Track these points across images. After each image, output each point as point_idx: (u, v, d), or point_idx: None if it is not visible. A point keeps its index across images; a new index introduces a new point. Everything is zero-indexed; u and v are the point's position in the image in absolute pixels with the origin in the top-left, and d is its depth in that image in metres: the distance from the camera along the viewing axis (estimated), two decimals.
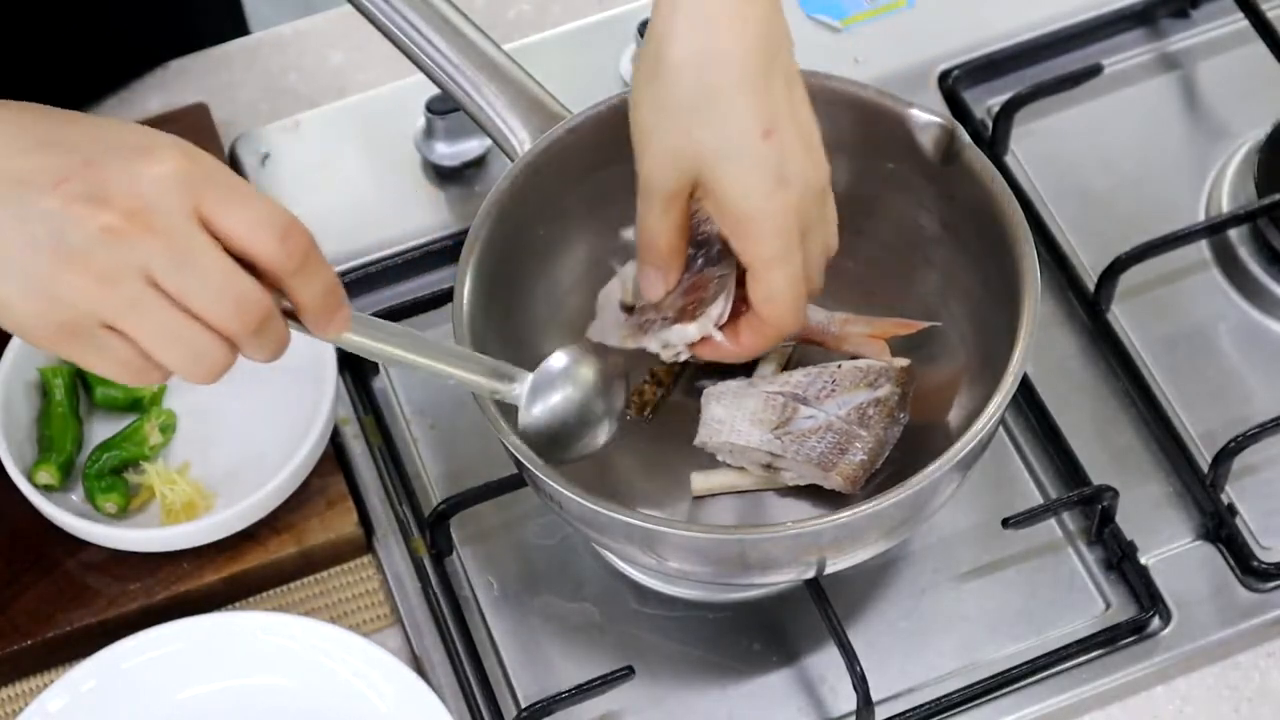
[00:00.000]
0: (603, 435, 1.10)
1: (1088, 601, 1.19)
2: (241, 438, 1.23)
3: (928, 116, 1.14)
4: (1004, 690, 1.15)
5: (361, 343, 0.97)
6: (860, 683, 1.11)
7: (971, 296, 1.16)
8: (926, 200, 1.17)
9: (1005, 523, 1.17)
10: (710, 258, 1.12)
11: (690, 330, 1.10)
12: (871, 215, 1.19)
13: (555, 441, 1.07)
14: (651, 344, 1.12)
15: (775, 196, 1.04)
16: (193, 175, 0.88)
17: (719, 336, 1.10)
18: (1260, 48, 1.36)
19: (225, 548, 1.20)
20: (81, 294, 0.88)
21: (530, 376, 1.06)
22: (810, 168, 1.05)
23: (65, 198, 0.87)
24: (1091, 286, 1.27)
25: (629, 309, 1.16)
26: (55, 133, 0.89)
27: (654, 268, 1.11)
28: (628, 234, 1.20)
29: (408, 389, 1.27)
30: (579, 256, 1.20)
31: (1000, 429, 1.23)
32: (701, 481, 1.16)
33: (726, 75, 1.04)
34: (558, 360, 1.08)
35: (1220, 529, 1.20)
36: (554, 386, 1.07)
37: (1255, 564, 1.18)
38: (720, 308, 1.10)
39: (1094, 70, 1.35)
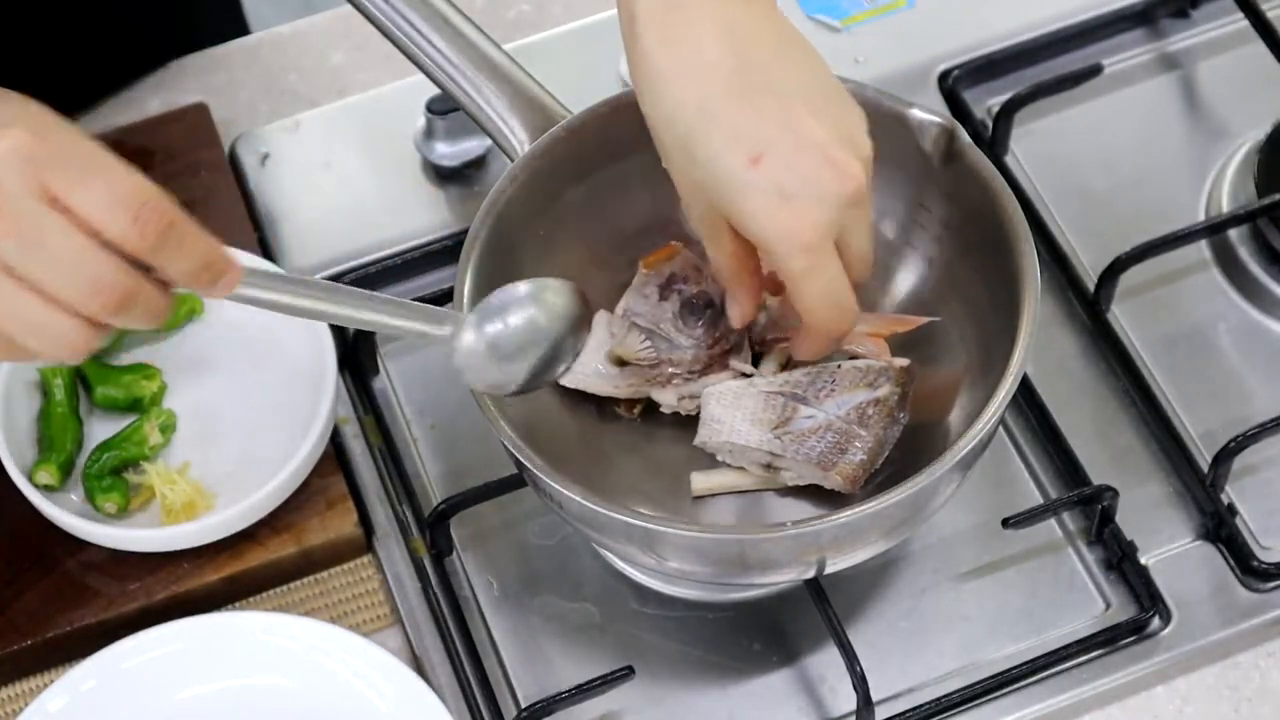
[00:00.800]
0: (559, 366, 1.07)
1: (1088, 601, 1.19)
2: (241, 438, 1.23)
3: (928, 116, 1.14)
4: (1004, 690, 1.15)
5: (261, 297, 0.93)
6: (860, 683, 1.11)
7: (971, 296, 1.16)
8: (926, 200, 1.17)
9: (1005, 523, 1.17)
10: (718, 311, 1.16)
11: (724, 378, 1.15)
12: (872, 215, 1.19)
13: (504, 361, 1.04)
14: (668, 396, 1.16)
15: (781, 218, 1.02)
16: (38, 153, 0.85)
17: (750, 369, 1.15)
18: (1260, 48, 1.36)
19: (225, 548, 1.20)
20: None
21: (467, 316, 1.04)
22: (825, 177, 1.02)
23: None
24: (1091, 286, 1.27)
25: (621, 362, 1.16)
26: None
27: (731, 294, 1.12)
28: (627, 234, 1.21)
29: (408, 389, 1.27)
30: (579, 256, 1.20)
31: (1000, 429, 1.23)
32: (701, 481, 1.16)
33: (691, 119, 1.03)
34: (515, 288, 1.05)
35: (1220, 529, 1.20)
36: (508, 310, 1.04)
37: (1255, 564, 1.18)
38: (746, 353, 1.16)
39: (1094, 70, 1.35)
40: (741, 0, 1.05)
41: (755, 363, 1.18)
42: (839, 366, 1.15)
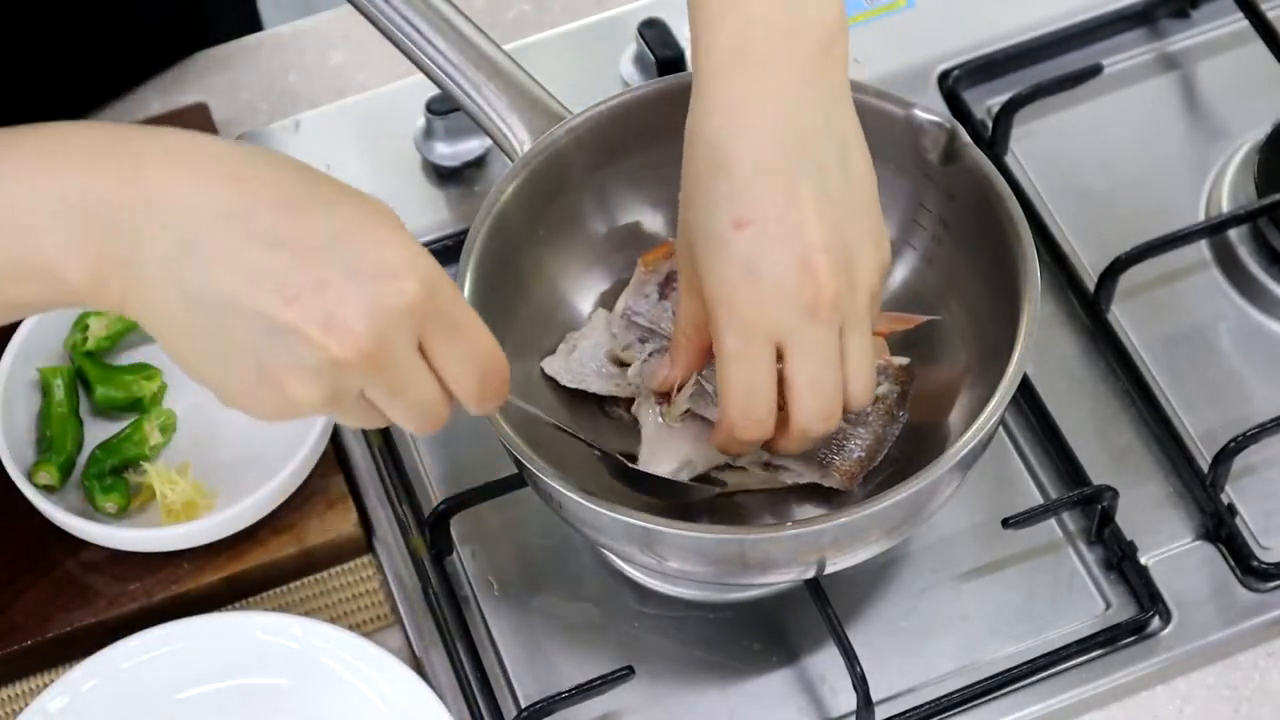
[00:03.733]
0: None
1: (1088, 601, 1.19)
2: (241, 438, 1.23)
3: (928, 116, 1.14)
4: (1004, 690, 1.15)
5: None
6: (860, 683, 1.11)
7: (971, 296, 1.16)
8: (926, 200, 1.17)
9: (1005, 523, 1.17)
10: None
11: None
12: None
13: None
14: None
15: (736, 290, 0.99)
16: (426, 309, 0.87)
17: None
18: (1260, 48, 1.36)
19: (225, 548, 1.20)
20: (306, 404, 0.88)
21: None
22: (791, 278, 0.98)
23: (301, 317, 0.85)
24: (1091, 286, 1.27)
25: (620, 363, 1.16)
26: (286, 228, 0.85)
27: (671, 350, 1.10)
28: (627, 234, 1.21)
29: None
30: (579, 256, 1.20)
31: (1000, 429, 1.23)
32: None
33: (716, 158, 1.00)
34: None
35: (1220, 529, 1.20)
36: None
37: (1255, 564, 1.18)
38: None
39: (1094, 70, 1.35)
40: (811, 72, 1.02)
41: None
42: None
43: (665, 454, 1.12)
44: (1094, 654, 1.16)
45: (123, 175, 0.86)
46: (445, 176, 1.35)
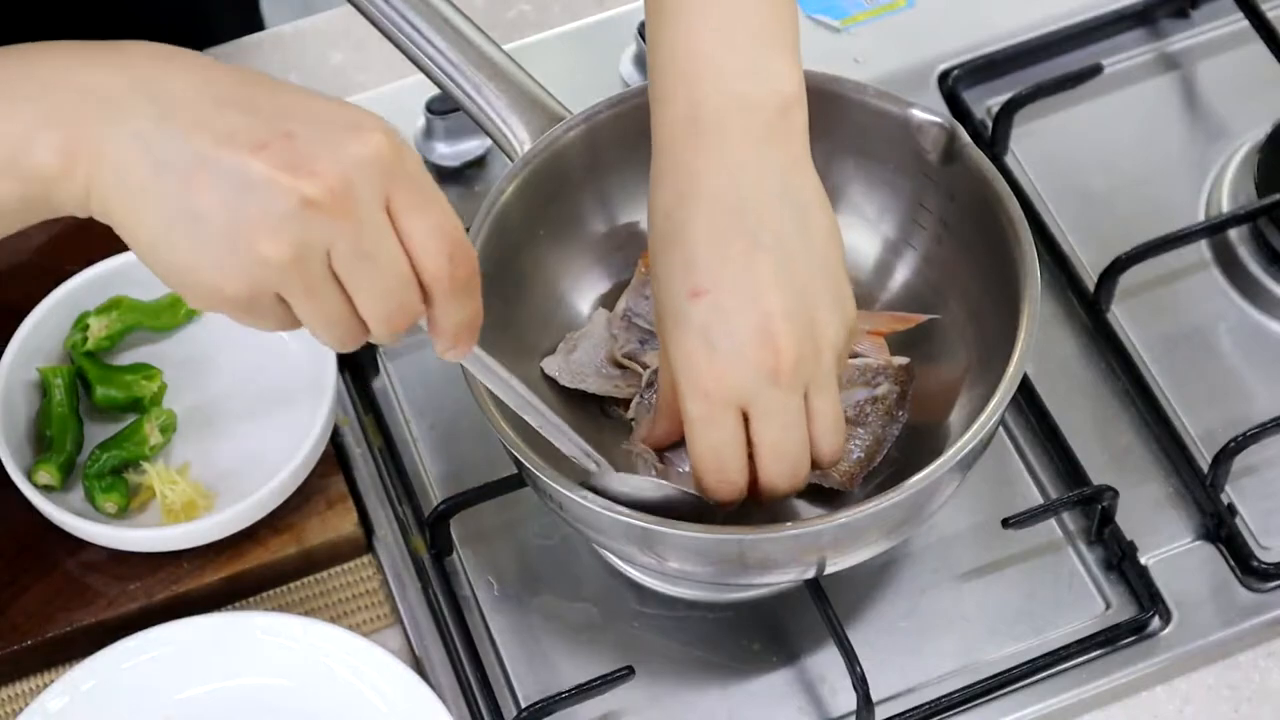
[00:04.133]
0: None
1: (1088, 601, 1.19)
2: (241, 438, 1.23)
3: (928, 116, 1.14)
4: (1004, 690, 1.15)
5: (471, 373, 0.99)
6: (860, 683, 1.11)
7: (971, 296, 1.16)
8: (926, 200, 1.17)
9: (1005, 523, 1.17)
10: None
11: None
12: (872, 215, 1.19)
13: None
14: None
15: (695, 358, 1.00)
16: (393, 164, 0.87)
17: None
18: (1260, 48, 1.36)
19: (225, 548, 1.20)
20: (276, 267, 0.86)
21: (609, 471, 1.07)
22: (752, 345, 0.99)
23: (270, 164, 0.85)
24: (1091, 286, 1.27)
25: (619, 364, 1.16)
26: (251, 96, 0.87)
27: (655, 411, 1.11)
28: (627, 234, 1.21)
29: (408, 389, 1.27)
30: (579, 256, 1.20)
31: (1000, 429, 1.23)
32: None
33: (672, 230, 1.02)
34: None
35: (1220, 529, 1.20)
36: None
37: (1255, 564, 1.18)
38: None
39: (1094, 70, 1.35)
40: (765, 142, 1.03)
41: None
42: None
43: None
44: (1094, 654, 1.16)
45: (106, 61, 0.89)
46: (445, 176, 1.35)
